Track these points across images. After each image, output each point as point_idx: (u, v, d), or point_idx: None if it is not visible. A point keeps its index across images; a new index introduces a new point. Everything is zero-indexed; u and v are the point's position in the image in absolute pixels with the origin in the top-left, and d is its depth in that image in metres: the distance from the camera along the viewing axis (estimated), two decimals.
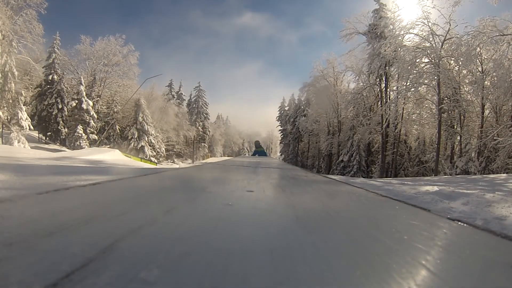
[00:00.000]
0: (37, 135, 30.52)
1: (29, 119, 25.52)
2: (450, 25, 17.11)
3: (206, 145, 49.32)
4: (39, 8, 26.16)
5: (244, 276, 0.59)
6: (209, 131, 51.06)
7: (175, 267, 0.62)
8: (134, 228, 0.85)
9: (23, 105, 25.30)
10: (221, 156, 50.91)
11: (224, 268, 0.62)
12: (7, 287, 0.49)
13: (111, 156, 16.22)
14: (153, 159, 30.63)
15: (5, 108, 23.42)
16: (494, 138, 14.56)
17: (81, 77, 31.09)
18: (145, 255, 0.67)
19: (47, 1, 26.40)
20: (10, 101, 23.85)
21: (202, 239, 0.82)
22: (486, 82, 16.42)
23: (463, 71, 17.74)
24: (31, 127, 25.97)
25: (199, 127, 47.71)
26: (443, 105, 17.02)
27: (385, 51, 19.52)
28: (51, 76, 30.02)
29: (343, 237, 0.94)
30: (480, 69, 17.11)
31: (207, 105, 51.05)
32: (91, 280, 0.54)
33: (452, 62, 17.81)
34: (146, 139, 31.20)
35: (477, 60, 16.90)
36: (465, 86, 18.07)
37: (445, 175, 15.19)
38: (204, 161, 40.08)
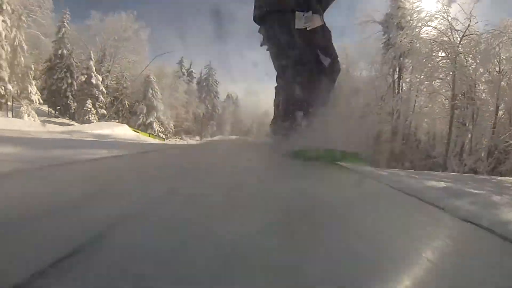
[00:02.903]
0: (47, 109, 30.76)
1: (39, 93, 25.69)
2: (470, 21, 16.62)
3: (214, 123, 49.13)
4: None
5: (250, 272, 0.56)
6: (218, 109, 50.70)
7: (173, 255, 0.59)
8: (139, 208, 0.81)
9: (33, 79, 25.42)
10: (229, 135, 50.71)
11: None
12: None
13: (120, 130, 16.36)
14: (161, 134, 30.80)
15: (15, 82, 23.53)
16: (506, 140, 14.35)
17: (91, 52, 30.97)
18: (142, 241, 0.64)
19: None
20: (20, 75, 23.95)
21: (206, 225, 0.78)
22: (502, 83, 16.06)
23: (480, 69, 17.32)
24: (41, 101, 26.17)
25: (208, 105, 47.48)
26: (456, 102, 16.72)
27: (400, 42, 19.08)
28: (60, 50, 29.95)
29: (350, 230, 0.89)
30: (497, 69, 16.68)
31: (217, 84, 50.57)
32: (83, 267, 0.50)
33: (469, 59, 17.39)
34: (155, 115, 31.25)
35: (495, 60, 16.48)
36: (480, 84, 17.66)
37: (452, 172, 15.06)
38: (211, 138, 40.01)
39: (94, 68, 29.89)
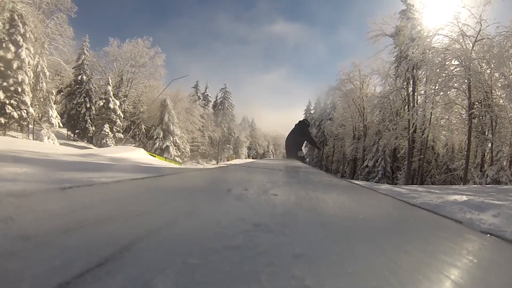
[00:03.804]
0: (66, 133, 31.71)
1: (59, 117, 26.61)
2: (481, 25, 16.38)
3: (231, 146, 49.42)
4: (69, 12, 27.51)
5: (268, 280, 0.56)
6: (234, 133, 51.20)
7: (194, 271, 0.60)
8: (152, 229, 0.83)
9: (54, 104, 26.44)
10: (245, 158, 50.74)
11: (245, 275, 0.59)
12: (20, 281, 0.49)
13: (136, 154, 16.57)
14: (177, 159, 31.04)
15: (37, 106, 24.56)
16: None
17: (109, 77, 32.09)
18: (163, 258, 0.65)
19: (76, 6, 27.70)
20: (42, 99, 25.05)
21: (225, 243, 0.79)
22: None
23: (495, 74, 16.94)
24: (61, 124, 27.09)
25: (224, 129, 48.01)
26: (473, 110, 16.34)
27: (412, 53, 18.95)
28: (80, 76, 31.21)
29: (370, 246, 0.88)
30: None
31: (232, 107, 51.30)
32: (106, 280, 0.52)
33: (483, 64, 17.06)
34: (171, 139, 31.67)
35: (510, 62, 16.09)
36: (497, 90, 17.23)
37: (474, 184, 14.55)
38: (228, 162, 40.23)
39: (111, 93, 30.85)
